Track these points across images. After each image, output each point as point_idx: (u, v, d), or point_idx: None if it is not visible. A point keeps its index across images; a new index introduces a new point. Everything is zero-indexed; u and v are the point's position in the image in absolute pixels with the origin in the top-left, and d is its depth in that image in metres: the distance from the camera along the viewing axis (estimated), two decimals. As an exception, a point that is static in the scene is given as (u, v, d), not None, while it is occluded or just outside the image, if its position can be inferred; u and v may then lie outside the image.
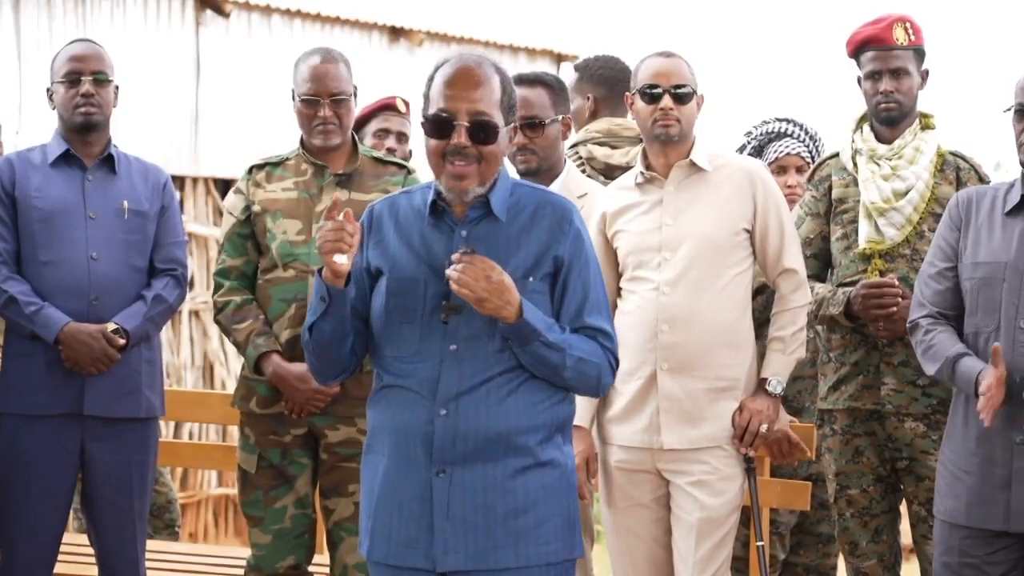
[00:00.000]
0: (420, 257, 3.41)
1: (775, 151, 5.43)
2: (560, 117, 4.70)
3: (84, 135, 4.76)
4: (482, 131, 3.35)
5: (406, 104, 5.91)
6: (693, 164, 4.38)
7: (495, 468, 3.35)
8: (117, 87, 4.82)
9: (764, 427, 4.31)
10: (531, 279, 3.38)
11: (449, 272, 3.31)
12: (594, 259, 3.48)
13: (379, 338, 3.46)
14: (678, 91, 4.32)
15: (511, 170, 5.01)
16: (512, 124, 3.44)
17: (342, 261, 3.36)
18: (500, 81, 3.41)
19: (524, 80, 4.71)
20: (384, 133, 5.71)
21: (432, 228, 3.43)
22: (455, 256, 3.32)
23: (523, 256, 3.40)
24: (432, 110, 3.38)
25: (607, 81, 5.52)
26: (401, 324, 3.41)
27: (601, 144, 5.29)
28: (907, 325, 4.21)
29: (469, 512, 3.35)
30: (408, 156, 5.70)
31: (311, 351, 3.53)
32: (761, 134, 5.52)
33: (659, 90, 4.32)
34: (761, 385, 4.37)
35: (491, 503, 3.35)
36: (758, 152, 5.49)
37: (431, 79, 3.42)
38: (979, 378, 3.89)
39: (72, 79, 4.72)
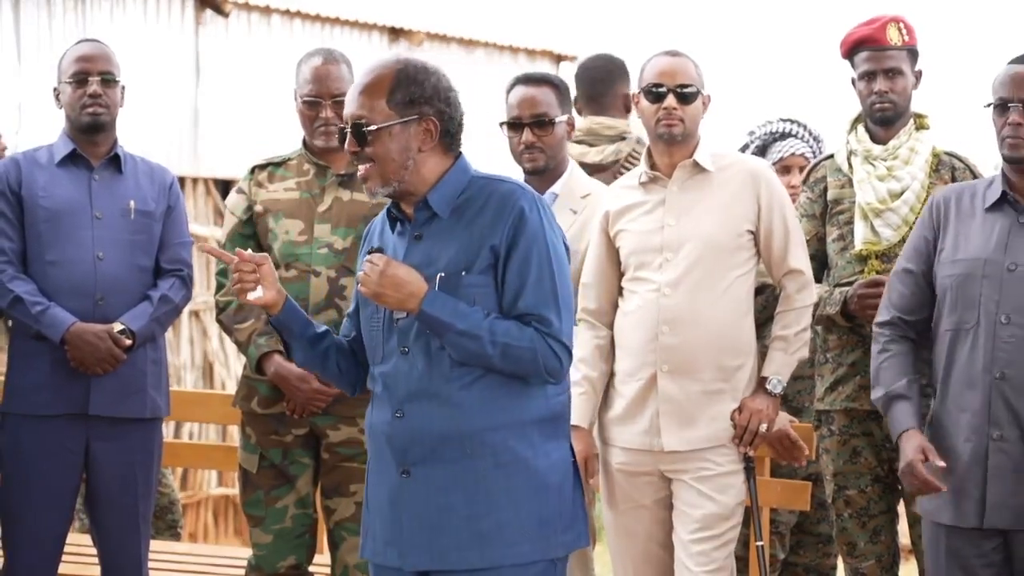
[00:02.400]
0: None
1: (779, 151, 5.43)
2: (565, 117, 4.72)
3: (91, 135, 4.76)
4: (356, 134, 3.40)
5: None
6: (697, 164, 4.38)
7: (455, 468, 3.39)
8: (124, 87, 4.83)
9: (764, 426, 4.32)
10: (465, 273, 3.40)
11: (358, 274, 3.41)
12: (542, 242, 3.40)
13: (365, 346, 3.57)
14: (682, 91, 4.33)
15: (516, 170, 5.03)
16: (423, 117, 3.41)
17: (257, 295, 3.48)
18: (393, 78, 3.40)
19: (531, 80, 4.73)
20: None
21: (398, 236, 3.51)
22: (366, 258, 3.41)
23: (459, 251, 3.41)
24: None
25: (583, 79, 5.55)
26: (371, 330, 3.51)
27: (579, 142, 5.29)
28: (872, 325, 4.24)
29: (432, 513, 3.40)
30: None
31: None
32: (766, 134, 5.52)
33: (663, 89, 4.33)
34: (761, 384, 4.37)
35: (452, 504, 3.39)
36: (761, 152, 5.49)
37: None
38: (900, 441, 4.02)
39: (80, 79, 4.73)
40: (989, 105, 4.08)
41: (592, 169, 5.13)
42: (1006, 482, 3.95)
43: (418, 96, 3.41)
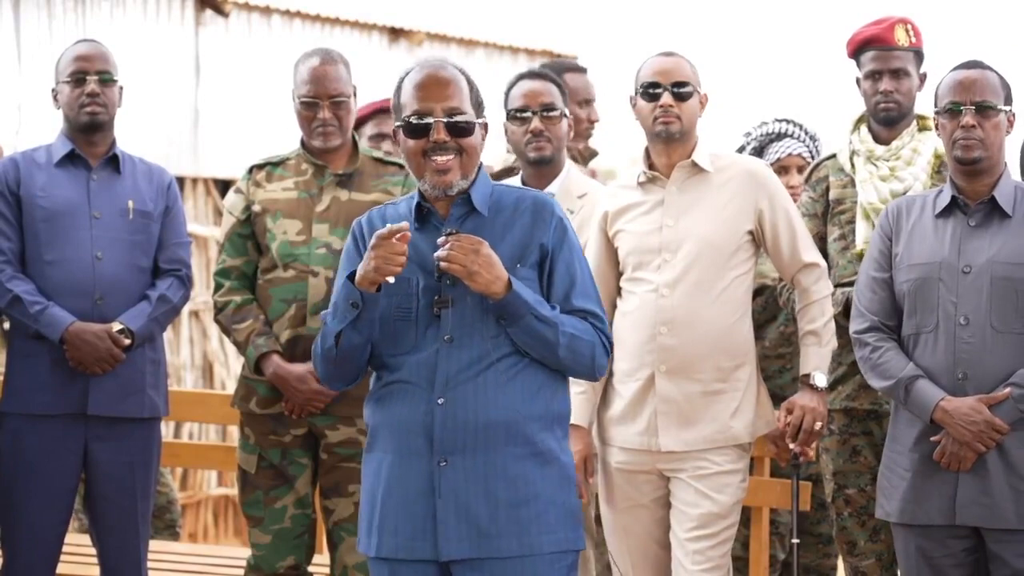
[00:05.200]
0: (410, 258, 3.46)
1: (776, 151, 5.43)
2: (568, 115, 4.73)
3: (89, 135, 4.76)
4: (459, 125, 3.47)
5: None
6: (695, 165, 4.38)
7: (496, 456, 3.43)
8: (122, 87, 4.83)
9: (819, 424, 4.34)
10: (519, 266, 3.49)
11: (438, 254, 3.41)
12: (578, 247, 3.58)
13: (377, 339, 3.53)
14: (678, 89, 4.33)
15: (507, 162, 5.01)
16: (482, 120, 3.55)
17: (392, 280, 3.45)
18: (466, 80, 3.54)
19: (535, 74, 4.77)
20: (380, 138, 5.71)
21: (419, 232, 3.52)
22: (440, 240, 3.42)
23: (510, 246, 3.50)
24: (406, 114, 3.50)
25: None
26: (396, 322, 3.50)
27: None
28: (851, 335, 4.28)
29: (472, 501, 3.42)
30: None
31: (331, 360, 3.54)
32: (762, 135, 5.52)
33: (659, 88, 4.33)
34: (805, 381, 4.38)
35: (493, 491, 3.43)
36: (758, 153, 5.49)
37: (399, 88, 3.54)
38: (942, 409, 4.01)
39: (78, 79, 4.73)
40: (938, 112, 4.17)
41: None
42: (976, 480, 4.03)
43: (481, 100, 3.57)
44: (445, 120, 3.46)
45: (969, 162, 4.12)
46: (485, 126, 3.57)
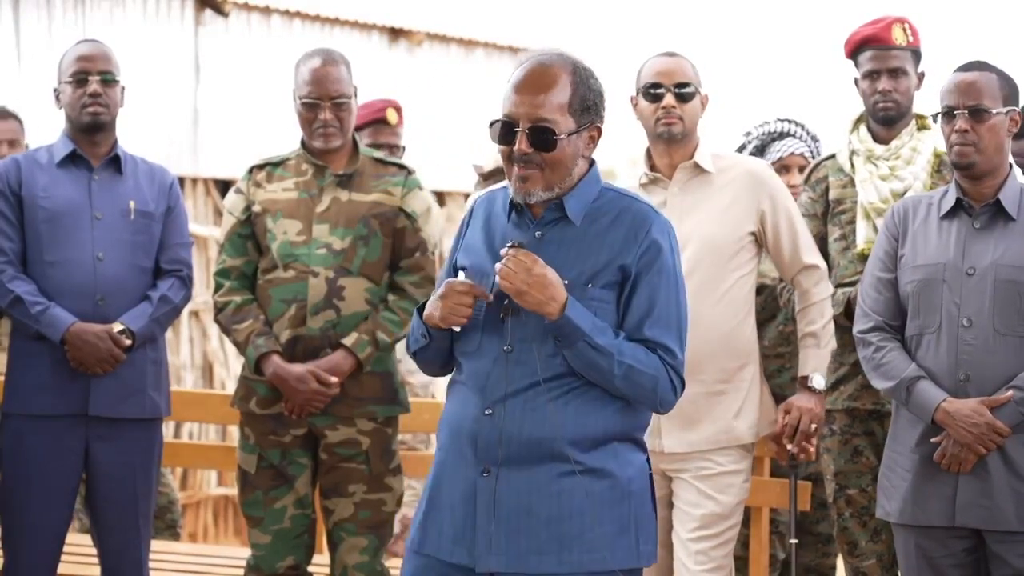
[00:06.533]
0: (496, 254, 3.37)
1: (777, 151, 5.43)
2: None
3: (91, 135, 4.76)
4: (541, 137, 3.30)
5: (398, 112, 5.88)
6: (697, 166, 4.38)
7: (540, 472, 3.31)
8: (124, 88, 4.83)
9: (814, 426, 4.34)
10: (591, 286, 3.34)
11: (496, 266, 3.30)
12: (672, 273, 3.38)
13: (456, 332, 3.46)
14: (681, 90, 4.33)
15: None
16: (592, 124, 3.36)
17: (458, 330, 3.38)
18: (572, 82, 3.33)
19: None
20: (374, 149, 5.65)
21: (513, 227, 3.41)
22: (503, 251, 3.31)
23: (590, 262, 3.35)
24: (500, 114, 3.36)
25: None
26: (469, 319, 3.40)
27: None
28: (855, 335, 4.28)
29: (512, 514, 3.32)
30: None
31: (416, 354, 3.51)
32: (763, 134, 5.52)
33: (661, 89, 4.33)
34: (803, 383, 4.38)
35: (535, 507, 3.31)
36: (759, 152, 5.49)
37: (510, 79, 3.38)
38: (944, 410, 4.01)
39: (80, 79, 4.73)
40: (937, 115, 4.16)
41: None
42: (976, 482, 4.03)
43: (591, 103, 3.36)
44: (527, 131, 3.28)
45: (963, 167, 4.13)
46: (598, 130, 3.37)
